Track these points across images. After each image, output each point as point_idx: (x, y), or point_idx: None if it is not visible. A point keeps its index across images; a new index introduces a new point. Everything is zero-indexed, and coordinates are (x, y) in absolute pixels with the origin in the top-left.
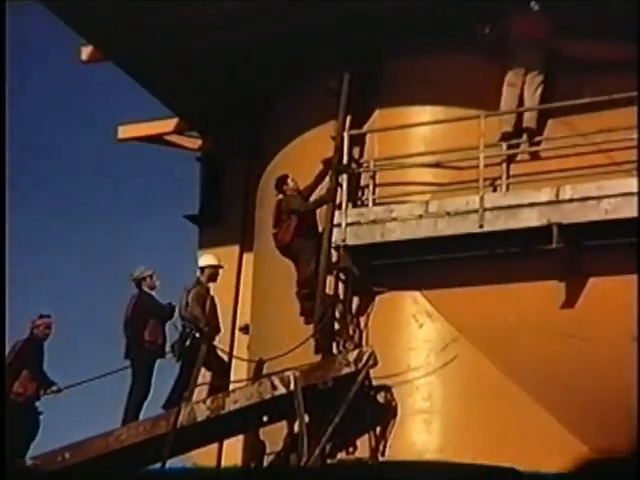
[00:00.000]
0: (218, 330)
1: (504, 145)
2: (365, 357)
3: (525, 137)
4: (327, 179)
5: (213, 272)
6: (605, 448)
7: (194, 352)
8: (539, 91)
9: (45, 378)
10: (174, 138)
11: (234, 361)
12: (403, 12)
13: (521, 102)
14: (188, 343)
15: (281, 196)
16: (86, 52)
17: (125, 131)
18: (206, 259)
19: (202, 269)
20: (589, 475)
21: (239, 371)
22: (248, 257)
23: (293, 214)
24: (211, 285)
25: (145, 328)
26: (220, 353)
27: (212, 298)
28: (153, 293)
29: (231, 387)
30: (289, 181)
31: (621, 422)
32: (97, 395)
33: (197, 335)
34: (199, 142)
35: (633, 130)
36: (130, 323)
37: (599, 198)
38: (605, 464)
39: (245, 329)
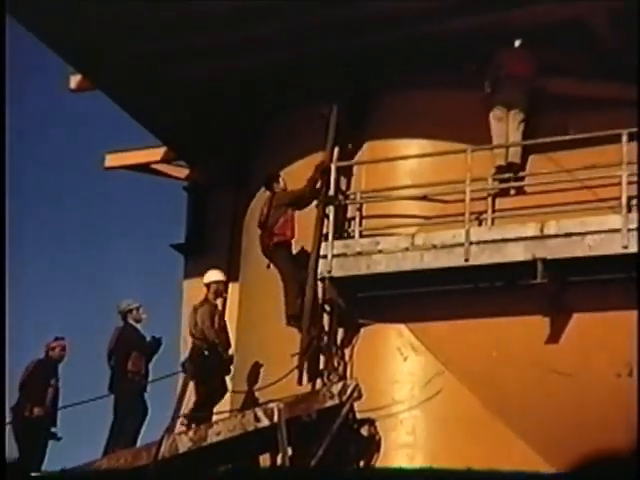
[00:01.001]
0: (229, 346)
1: (490, 179)
2: (349, 390)
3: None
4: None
5: (219, 288)
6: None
7: (204, 369)
8: (521, 127)
9: (53, 409)
10: (161, 167)
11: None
12: (392, 47)
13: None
14: (198, 361)
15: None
16: (74, 81)
17: (112, 159)
18: (211, 275)
19: (208, 285)
20: (589, 475)
21: (222, 402)
22: (234, 287)
23: (291, 206)
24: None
25: (128, 359)
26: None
27: (221, 314)
28: (139, 326)
29: (214, 418)
30: (280, 179)
31: (605, 457)
32: (82, 423)
33: (207, 353)
34: (186, 171)
35: (616, 167)
36: (114, 355)
37: (583, 234)
38: (605, 464)
39: (230, 360)
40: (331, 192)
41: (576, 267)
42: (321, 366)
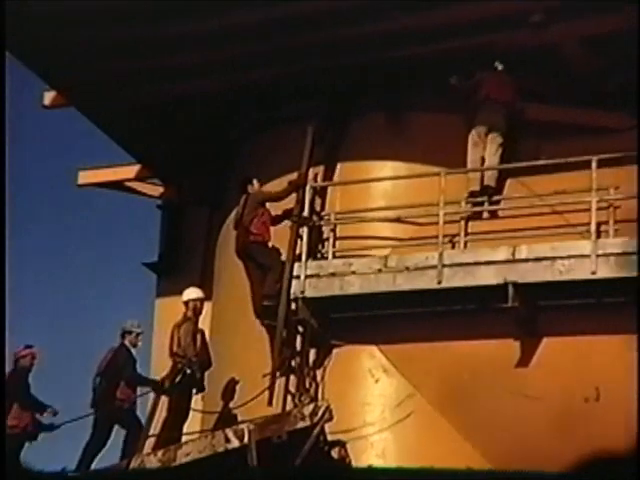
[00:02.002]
0: (210, 365)
1: (463, 203)
2: (321, 411)
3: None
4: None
5: (198, 305)
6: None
7: (184, 388)
8: (499, 151)
9: (36, 404)
10: (135, 185)
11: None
12: (368, 69)
13: (483, 161)
14: (178, 379)
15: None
16: (49, 97)
17: (85, 177)
18: (190, 293)
19: (186, 303)
20: (589, 475)
21: (192, 422)
22: (206, 306)
23: (266, 201)
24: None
25: (118, 385)
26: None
27: (202, 332)
28: (133, 350)
29: (183, 439)
30: (254, 182)
31: (605, 457)
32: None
33: (188, 371)
34: (160, 189)
35: (587, 193)
36: (104, 376)
37: (553, 259)
38: (605, 464)
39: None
40: (305, 213)
41: (546, 291)
42: (292, 387)
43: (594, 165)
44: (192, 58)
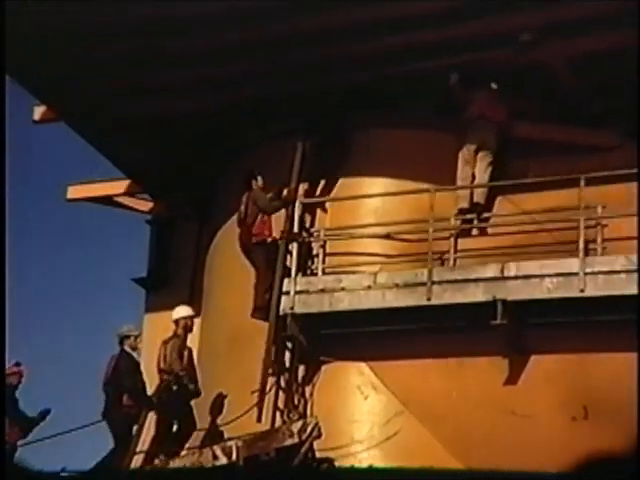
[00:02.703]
0: (196, 382)
1: (452, 220)
2: (309, 428)
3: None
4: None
5: (188, 323)
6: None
7: (172, 404)
8: (489, 169)
9: (25, 418)
10: (124, 200)
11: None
12: (358, 86)
13: (474, 178)
14: (165, 396)
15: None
16: (39, 112)
17: (75, 191)
18: (180, 311)
19: (177, 321)
20: (589, 475)
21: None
22: (195, 322)
23: (260, 211)
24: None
25: (123, 393)
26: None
27: (190, 350)
28: (134, 354)
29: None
30: (258, 177)
31: (605, 457)
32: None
33: (175, 388)
34: (150, 204)
35: (575, 211)
36: (110, 384)
37: (542, 276)
38: (605, 464)
39: (196, 394)
40: (295, 229)
41: (535, 309)
42: (281, 403)
43: (582, 183)
44: (182, 75)
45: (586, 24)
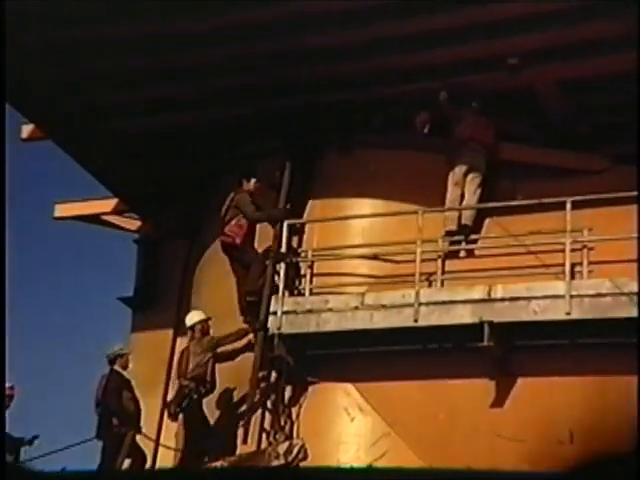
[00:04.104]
0: (214, 388)
1: (440, 241)
2: (295, 450)
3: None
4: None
5: (205, 326)
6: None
7: (193, 411)
8: (478, 192)
9: (13, 439)
10: (112, 218)
11: (160, 449)
12: (346, 107)
13: (462, 200)
14: (186, 402)
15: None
16: (26, 130)
17: (62, 210)
18: (193, 317)
19: (192, 328)
20: (589, 475)
21: (164, 459)
22: (182, 342)
23: (240, 214)
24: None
25: (112, 413)
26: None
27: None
28: (125, 373)
29: None
30: (252, 180)
31: (605, 458)
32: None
33: (195, 396)
34: (137, 223)
35: (561, 234)
36: (102, 404)
37: (528, 299)
38: (605, 464)
39: (174, 416)
40: (283, 249)
41: (522, 331)
42: (267, 425)
43: (568, 207)
44: (169, 92)
45: (574, 49)
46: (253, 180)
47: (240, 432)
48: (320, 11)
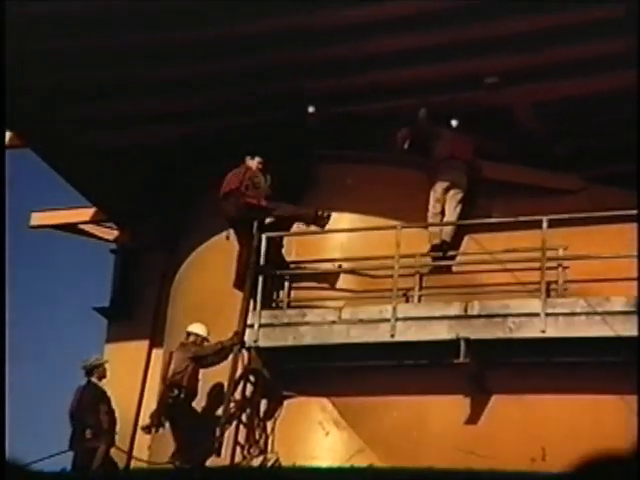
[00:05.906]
0: (196, 394)
1: (418, 257)
2: (269, 464)
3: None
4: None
5: (197, 341)
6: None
7: (180, 414)
8: (458, 208)
9: None
10: (89, 227)
11: (133, 461)
12: (326, 121)
13: (443, 216)
14: (170, 410)
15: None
16: (6, 138)
17: (38, 218)
18: (196, 327)
19: (189, 334)
20: (589, 475)
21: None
22: (157, 353)
23: (255, 188)
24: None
25: (86, 426)
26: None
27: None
28: (101, 383)
29: None
30: (256, 158)
31: (605, 458)
32: None
33: (171, 401)
34: (115, 233)
35: (537, 252)
36: (75, 416)
37: (504, 316)
38: (605, 464)
39: (147, 429)
40: (261, 262)
41: (497, 348)
42: (242, 438)
43: (545, 225)
44: (150, 105)
45: (552, 70)
46: (257, 158)
47: (214, 445)
48: (302, 27)
